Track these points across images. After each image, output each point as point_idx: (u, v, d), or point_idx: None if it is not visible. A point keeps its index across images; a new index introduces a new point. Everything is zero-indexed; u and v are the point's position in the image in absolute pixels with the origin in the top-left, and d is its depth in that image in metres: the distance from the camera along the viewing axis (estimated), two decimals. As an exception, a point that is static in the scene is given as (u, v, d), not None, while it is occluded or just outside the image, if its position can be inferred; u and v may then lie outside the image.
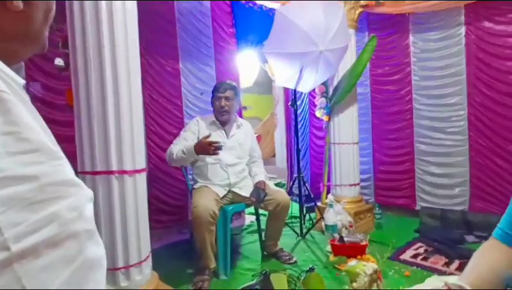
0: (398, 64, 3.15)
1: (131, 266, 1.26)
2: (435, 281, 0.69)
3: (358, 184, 2.91)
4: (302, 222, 2.79)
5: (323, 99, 2.89)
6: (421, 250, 2.37)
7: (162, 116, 2.63)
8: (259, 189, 2.14)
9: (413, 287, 0.72)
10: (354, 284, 1.50)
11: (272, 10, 2.80)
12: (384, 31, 3.14)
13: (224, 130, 2.24)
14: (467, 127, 2.84)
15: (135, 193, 1.24)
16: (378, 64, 3.24)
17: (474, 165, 2.81)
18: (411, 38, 3.06)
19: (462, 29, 2.80)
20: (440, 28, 2.91)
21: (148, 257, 1.37)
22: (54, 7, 0.41)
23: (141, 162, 1.28)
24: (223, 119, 2.21)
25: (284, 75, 2.60)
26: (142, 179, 1.29)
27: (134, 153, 1.23)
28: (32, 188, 0.24)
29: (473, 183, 2.83)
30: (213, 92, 2.24)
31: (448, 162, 2.95)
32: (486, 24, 2.69)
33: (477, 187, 2.81)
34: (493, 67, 2.67)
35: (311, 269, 1.82)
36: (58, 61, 1.16)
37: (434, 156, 3.02)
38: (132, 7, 1.21)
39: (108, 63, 1.11)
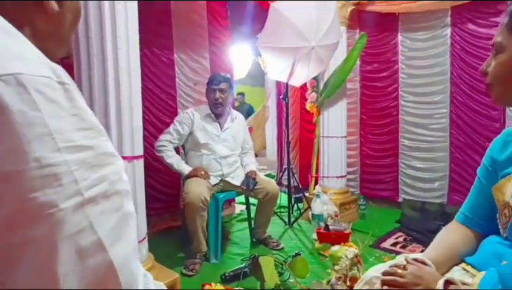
0: (386, 62, 3.26)
1: (129, 246, 1.33)
2: (402, 258, 0.80)
3: (344, 176, 3.03)
4: (290, 212, 2.90)
5: (314, 94, 2.98)
6: (401, 239, 2.52)
7: (157, 105, 2.67)
8: (249, 178, 2.23)
9: (382, 264, 0.82)
10: (336, 267, 1.62)
11: (266, 3, 2.85)
12: (374, 29, 3.23)
13: (219, 122, 2.30)
14: (448, 124, 2.98)
15: (134, 178, 1.32)
16: (367, 61, 3.35)
17: (454, 161, 2.97)
18: (400, 37, 3.16)
19: (448, 30, 2.92)
20: (427, 28, 3.02)
21: (144, 238, 1.45)
22: (81, 12, 0.47)
23: (139, 149, 1.35)
24: (217, 112, 2.27)
25: (276, 69, 2.67)
26: (140, 164, 1.36)
27: (133, 140, 1.30)
28: (90, 155, 0.33)
29: (452, 178, 2.99)
30: (207, 84, 2.30)
31: (430, 157, 3.10)
32: (470, 26, 2.81)
33: (455, 182, 2.97)
34: (475, 68, 2.80)
35: (297, 254, 1.93)
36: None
37: (417, 151, 3.16)
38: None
39: (110, 53, 1.17)
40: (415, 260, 0.73)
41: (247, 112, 6.44)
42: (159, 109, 2.70)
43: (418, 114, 3.13)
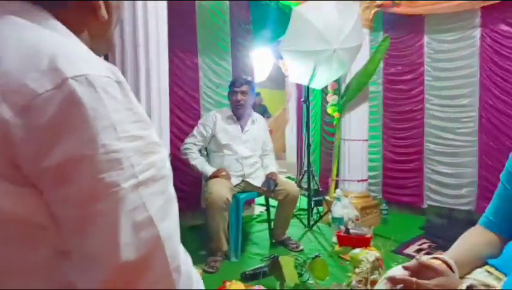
0: (411, 64, 3.18)
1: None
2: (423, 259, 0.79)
3: (366, 180, 2.99)
4: (310, 214, 2.89)
5: (335, 97, 2.97)
6: (425, 246, 2.45)
7: (181, 108, 2.77)
8: (270, 179, 2.26)
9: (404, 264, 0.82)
10: (357, 270, 1.61)
11: (288, 8, 2.89)
12: (398, 31, 3.18)
13: (240, 124, 2.35)
14: (477, 129, 2.87)
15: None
16: (391, 64, 3.29)
17: (483, 167, 2.85)
18: (425, 38, 3.09)
19: (477, 32, 2.82)
20: (455, 29, 2.93)
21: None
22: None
23: (166, 148, 1.42)
24: (238, 113, 2.33)
25: (298, 72, 2.69)
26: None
27: (161, 139, 1.37)
28: (142, 144, 0.38)
29: (481, 185, 2.86)
30: (230, 86, 2.36)
31: (457, 162, 2.99)
32: (503, 27, 2.70)
33: (485, 188, 2.84)
34: (508, 70, 2.69)
35: (317, 256, 1.93)
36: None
37: (443, 156, 3.06)
38: (163, 7, 1.33)
39: (142, 58, 1.25)
40: (436, 258, 0.73)
41: (261, 113, 6.47)
42: (184, 111, 2.79)
43: (444, 118, 3.04)
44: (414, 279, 0.67)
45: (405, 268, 0.71)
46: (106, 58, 1.28)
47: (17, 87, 0.33)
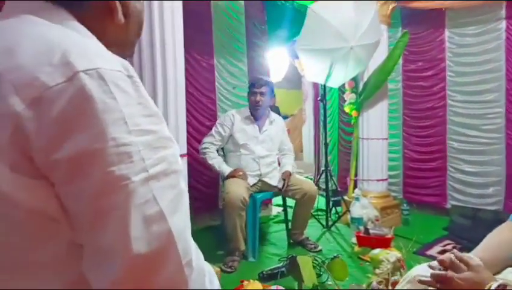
0: (432, 60, 3.09)
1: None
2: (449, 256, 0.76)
3: (386, 179, 2.91)
4: (328, 215, 2.85)
5: (353, 95, 2.92)
6: (449, 247, 2.36)
7: (197, 108, 2.80)
8: (282, 178, 2.25)
9: (426, 264, 0.79)
10: (377, 271, 1.57)
11: (304, 7, 2.87)
12: (418, 26, 3.09)
13: (258, 124, 2.36)
14: (504, 125, 2.74)
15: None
16: (411, 60, 3.20)
17: (511, 165, 2.72)
18: (447, 33, 2.99)
19: (503, 24, 2.70)
20: (478, 22, 2.82)
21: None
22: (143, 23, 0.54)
23: (183, 148, 1.45)
24: (257, 114, 2.33)
25: (314, 71, 2.67)
26: (184, 162, 1.46)
27: (178, 139, 1.39)
28: (154, 138, 0.38)
29: (509, 183, 2.74)
30: (249, 87, 2.37)
31: (482, 160, 2.87)
32: (530, 18, 2.58)
33: (513, 187, 2.72)
34: (535, 63, 2.56)
35: (336, 257, 1.90)
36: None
37: (467, 154, 2.95)
38: (178, 8, 1.36)
39: (158, 59, 1.27)
40: (461, 260, 0.70)
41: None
42: (200, 112, 2.82)
43: (468, 114, 2.92)
44: (445, 273, 0.64)
45: (440, 263, 0.68)
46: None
47: (29, 81, 0.34)
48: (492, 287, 0.61)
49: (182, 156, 1.45)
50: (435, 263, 0.69)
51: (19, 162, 0.34)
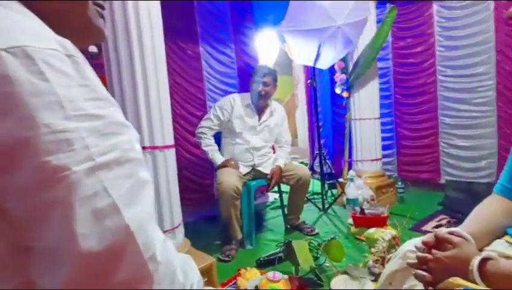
0: (421, 36, 3.04)
1: (165, 232, 1.41)
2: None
3: (380, 159, 2.91)
4: (324, 198, 2.86)
5: (343, 76, 2.88)
6: (444, 221, 2.39)
7: (186, 99, 2.75)
8: (270, 177, 2.22)
9: (418, 238, 0.79)
10: (372, 250, 1.58)
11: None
12: (406, 1, 3.03)
13: (258, 114, 2.30)
14: (495, 97, 2.73)
15: (166, 166, 1.38)
16: (400, 37, 3.16)
17: (503, 137, 2.73)
18: (435, 7, 2.94)
19: (491, -6, 2.65)
20: (466, -7, 2.77)
21: (180, 224, 1.52)
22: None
23: (170, 139, 1.41)
24: (259, 104, 2.27)
25: (302, 53, 2.62)
26: (171, 153, 1.43)
27: (163, 130, 1.36)
28: (101, 124, 0.34)
29: (502, 155, 2.75)
30: (253, 74, 2.29)
31: (474, 134, 2.87)
32: (518, -14, 2.52)
33: (505, 159, 2.71)
34: (525, 32, 2.53)
35: (333, 239, 1.91)
36: (92, 48, 1.28)
37: (460, 129, 2.95)
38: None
39: (136, 48, 1.22)
40: (451, 233, 0.69)
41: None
42: (189, 102, 2.77)
43: (459, 89, 2.90)
44: (429, 256, 0.64)
45: (425, 244, 0.68)
46: (99, 54, 1.27)
47: None
48: (476, 262, 0.60)
49: (169, 147, 1.41)
50: (420, 245, 0.69)
51: None
